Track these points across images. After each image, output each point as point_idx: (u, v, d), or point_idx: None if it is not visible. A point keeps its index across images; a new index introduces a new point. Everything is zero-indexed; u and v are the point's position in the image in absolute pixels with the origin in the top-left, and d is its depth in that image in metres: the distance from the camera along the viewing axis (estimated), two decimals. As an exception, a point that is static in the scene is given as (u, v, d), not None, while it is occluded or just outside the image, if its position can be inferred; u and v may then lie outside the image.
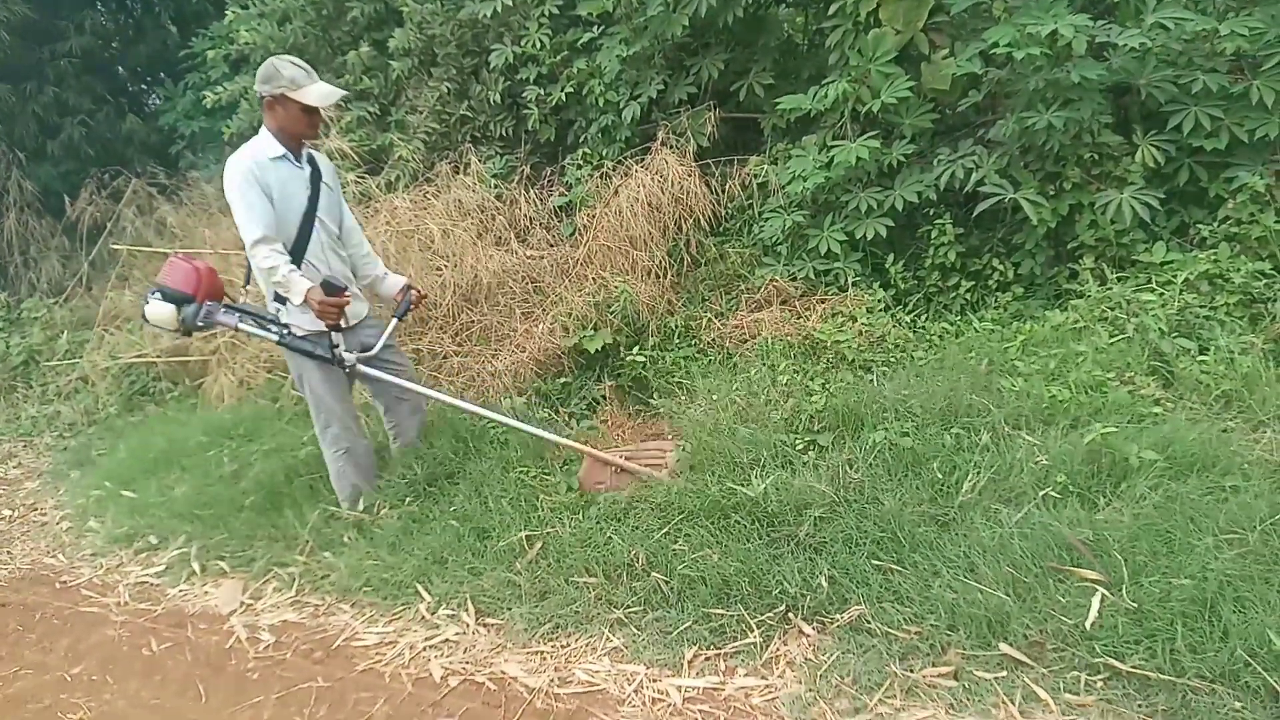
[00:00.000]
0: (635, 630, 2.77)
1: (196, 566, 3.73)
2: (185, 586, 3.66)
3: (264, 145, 3.29)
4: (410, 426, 3.86)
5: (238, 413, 5.03)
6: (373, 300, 3.84)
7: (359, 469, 3.67)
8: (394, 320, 3.65)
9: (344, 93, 3.50)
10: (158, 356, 5.84)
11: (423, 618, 3.07)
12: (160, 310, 3.26)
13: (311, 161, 3.44)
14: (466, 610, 3.02)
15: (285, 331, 3.37)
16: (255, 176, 3.20)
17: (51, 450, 5.79)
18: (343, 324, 3.31)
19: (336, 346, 3.34)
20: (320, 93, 3.29)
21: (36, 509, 4.91)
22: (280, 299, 3.35)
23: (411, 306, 3.70)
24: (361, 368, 3.45)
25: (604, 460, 3.49)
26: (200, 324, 3.31)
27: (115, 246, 6.84)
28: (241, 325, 3.36)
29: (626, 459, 3.47)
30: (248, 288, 3.53)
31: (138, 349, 5.95)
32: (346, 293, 3.20)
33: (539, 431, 3.63)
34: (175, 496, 4.25)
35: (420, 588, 3.18)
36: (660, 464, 3.44)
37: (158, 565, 3.87)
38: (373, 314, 3.77)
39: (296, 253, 3.32)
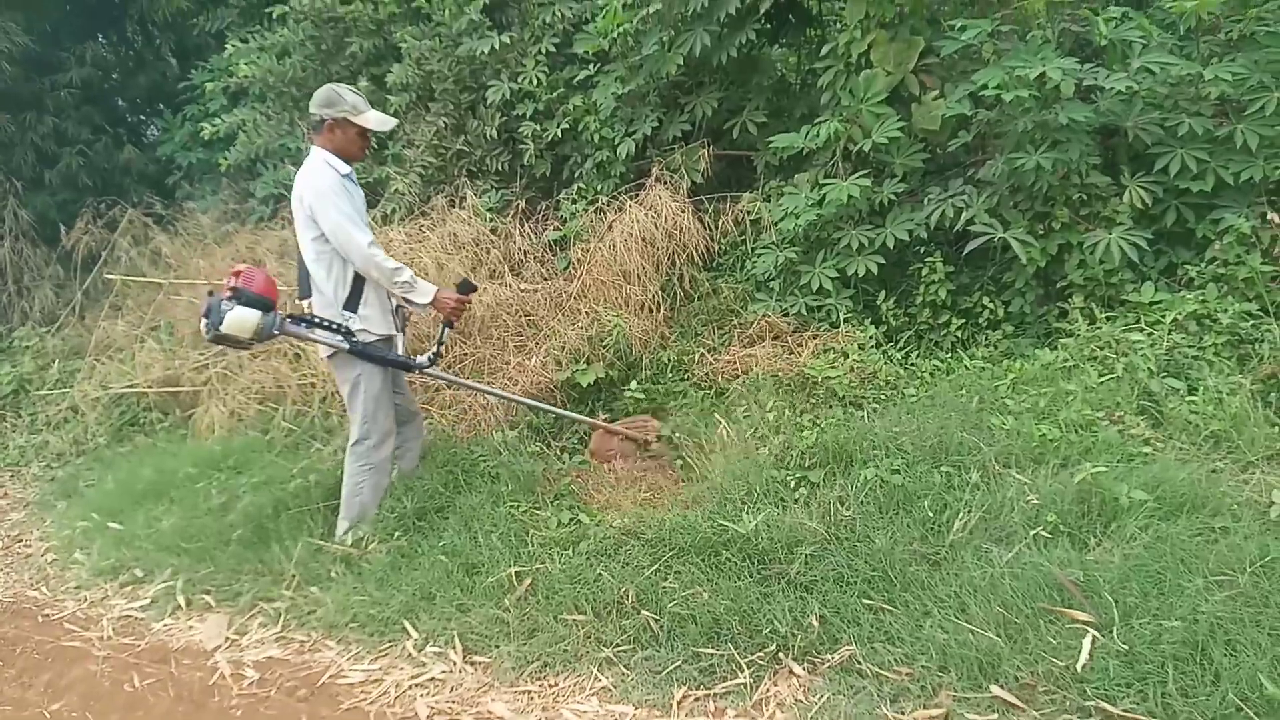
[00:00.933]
0: (624, 669, 2.74)
1: (182, 600, 3.68)
2: (170, 621, 3.61)
3: (336, 163, 3.46)
4: (414, 449, 3.93)
5: (228, 444, 4.99)
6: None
7: (375, 491, 3.68)
8: (444, 328, 3.68)
9: (397, 120, 3.77)
10: (149, 386, 5.81)
11: (409, 655, 3.03)
12: (245, 317, 3.24)
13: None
14: (454, 648, 2.99)
15: (354, 338, 3.44)
16: (345, 187, 3.40)
17: (39, 480, 5.74)
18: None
19: (443, 344, 3.58)
20: (379, 119, 3.55)
21: (21, 540, 4.85)
22: (350, 305, 3.46)
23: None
24: (431, 370, 3.65)
25: (609, 430, 4.10)
26: (275, 332, 3.33)
27: (109, 276, 6.84)
28: (311, 334, 3.42)
29: (625, 429, 4.10)
30: (304, 301, 3.58)
31: (129, 379, 5.92)
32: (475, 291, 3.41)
33: (560, 411, 4.17)
34: (162, 528, 4.20)
35: (407, 624, 3.14)
36: (647, 429, 4.11)
37: (143, 599, 3.81)
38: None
39: None
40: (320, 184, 3.37)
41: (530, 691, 2.75)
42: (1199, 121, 3.78)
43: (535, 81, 5.43)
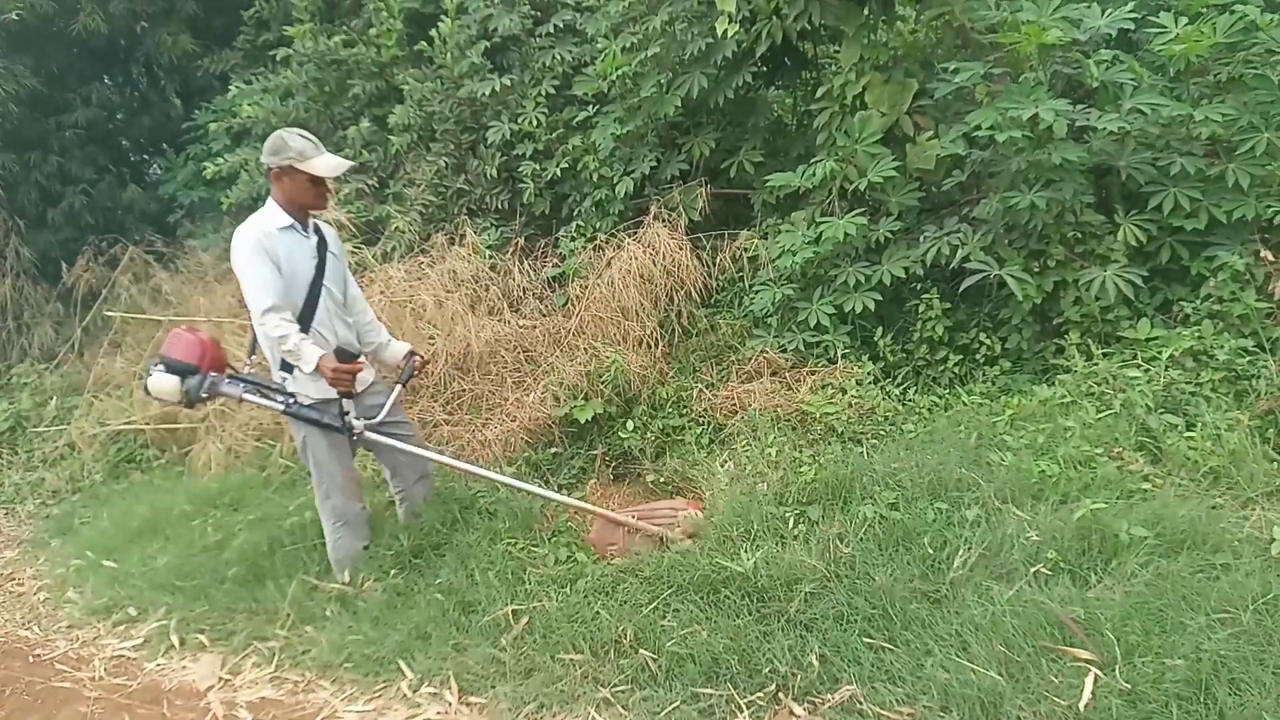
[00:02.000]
0: (622, 710, 2.71)
1: (175, 639, 3.64)
2: (163, 660, 3.56)
3: (272, 216, 3.34)
4: (417, 493, 3.83)
5: (224, 481, 4.98)
6: (376, 366, 3.85)
7: (356, 537, 3.62)
8: (398, 386, 3.65)
9: (350, 164, 3.56)
10: (146, 423, 5.80)
11: (404, 696, 2.99)
12: (164, 382, 3.25)
13: (318, 231, 3.49)
14: (449, 688, 2.95)
15: (291, 400, 3.35)
16: (264, 247, 3.23)
17: (33, 518, 5.70)
18: (354, 390, 3.29)
19: (347, 413, 3.32)
20: (328, 164, 3.35)
21: (14, 579, 4.81)
22: (287, 367, 3.35)
23: (415, 372, 3.73)
24: (369, 434, 3.43)
25: (616, 521, 3.50)
26: (204, 395, 3.30)
27: (109, 313, 6.86)
28: (246, 396, 3.36)
29: (639, 518, 3.48)
30: (252, 358, 3.52)
31: (126, 416, 5.92)
32: (360, 359, 3.20)
33: (549, 494, 3.67)
34: (157, 567, 4.17)
35: (403, 664, 3.10)
36: (673, 523, 3.43)
37: (136, 638, 3.77)
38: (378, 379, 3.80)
39: (304, 321, 3.34)
40: (237, 243, 3.26)
41: (527, 733, 2.71)
42: (1190, 161, 3.82)
43: (535, 122, 5.51)
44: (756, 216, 5.05)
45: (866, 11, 4.36)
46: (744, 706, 2.60)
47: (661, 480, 4.10)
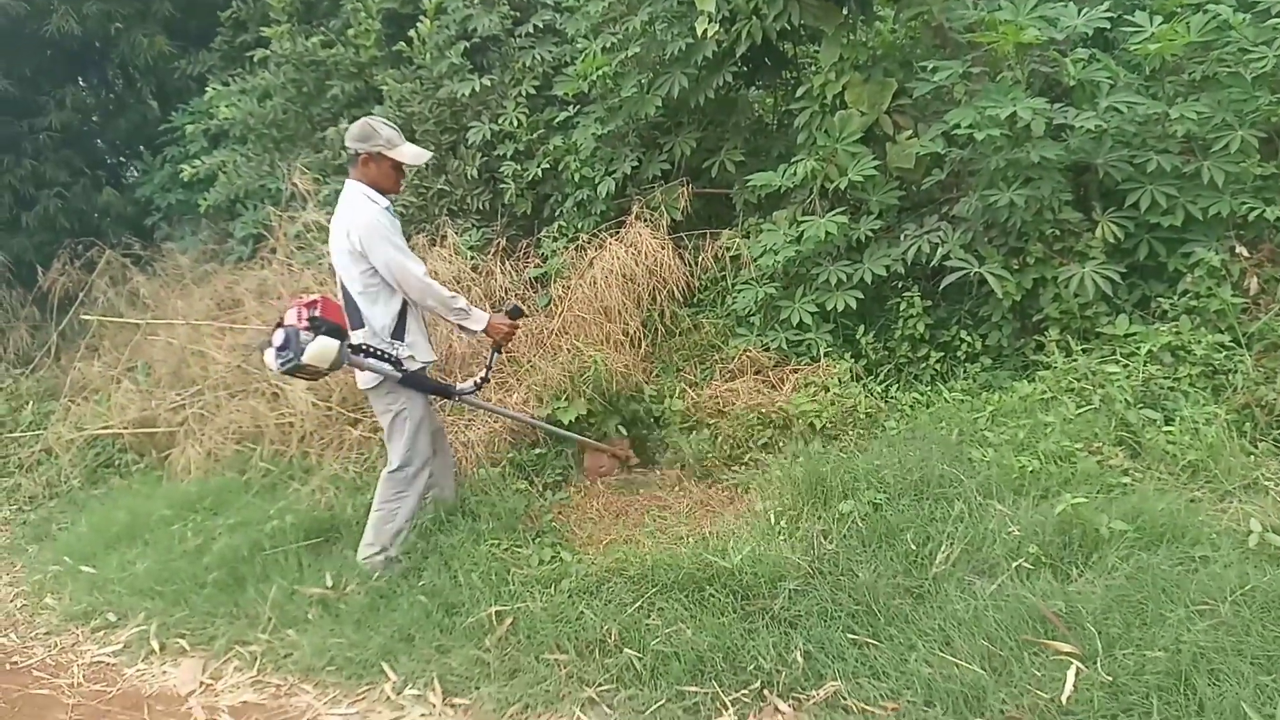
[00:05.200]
0: (607, 710, 2.70)
1: (156, 645, 3.60)
2: (143, 666, 3.52)
3: (375, 197, 3.47)
4: (449, 481, 3.91)
5: (204, 485, 4.92)
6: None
7: (409, 516, 3.61)
8: (494, 354, 3.76)
9: (431, 154, 3.77)
10: (124, 428, 5.74)
11: (388, 698, 2.96)
12: (327, 346, 3.16)
13: None
14: (433, 690, 2.93)
15: (402, 367, 3.42)
16: (390, 220, 3.43)
17: (9, 524, 5.62)
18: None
19: (491, 369, 3.70)
20: (413, 153, 3.54)
21: (-10, 586, 4.74)
22: (398, 335, 3.46)
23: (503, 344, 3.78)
24: (469, 398, 3.73)
25: (596, 447, 4.34)
26: (345, 362, 3.29)
27: (86, 317, 6.77)
28: (369, 361, 3.39)
29: (612, 445, 4.38)
30: (355, 333, 3.48)
31: (104, 420, 5.84)
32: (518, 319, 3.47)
33: (557, 429, 4.24)
34: (136, 572, 4.11)
35: (386, 666, 3.08)
36: (627, 447, 4.40)
37: (115, 644, 3.72)
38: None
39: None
40: (368, 219, 3.36)
41: (512, 733, 2.70)
42: (1167, 159, 3.87)
43: (515, 122, 5.49)
44: (738, 216, 5.06)
45: (845, 11, 4.39)
46: (729, 704, 2.60)
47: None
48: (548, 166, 5.44)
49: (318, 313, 3.23)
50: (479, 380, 3.74)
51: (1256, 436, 3.32)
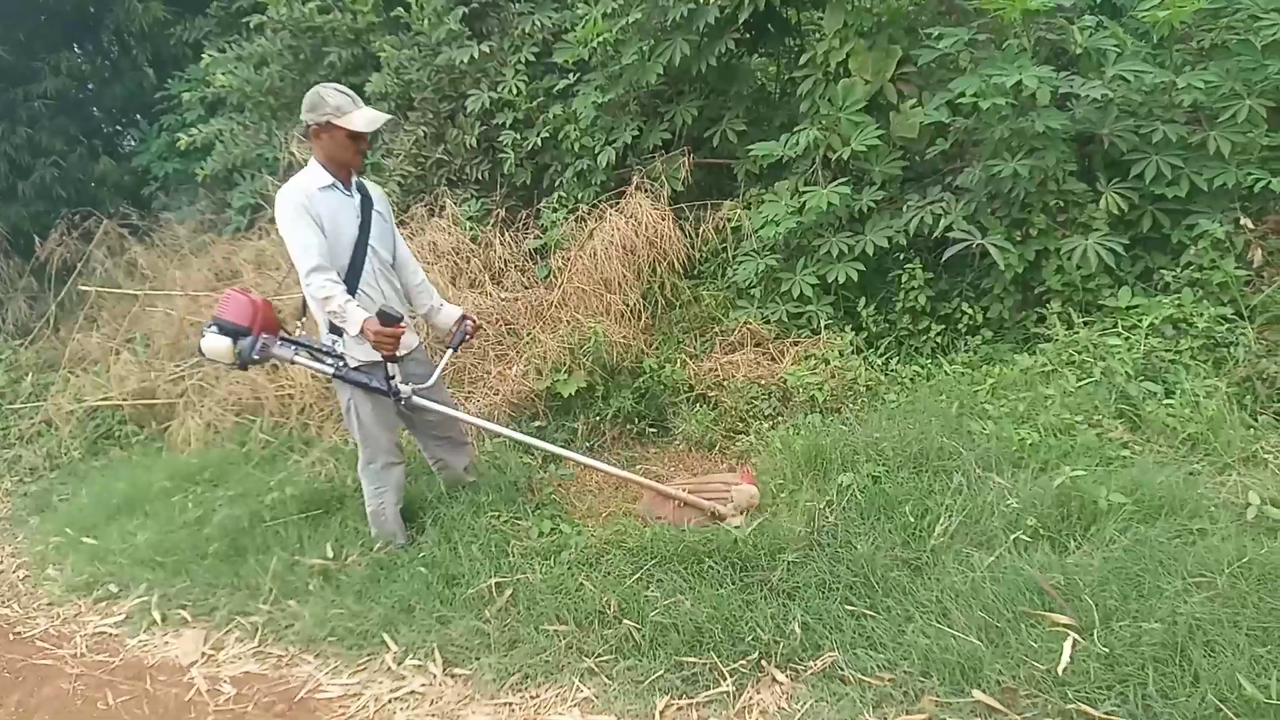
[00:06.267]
0: (606, 680, 2.72)
1: (157, 616, 3.62)
2: (145, 636, 3.54)
3: (313, 176, 3.26)
4: (456, 462, 3.78)
5: (204, 457, 4.93)
6: (428, 330, 3.80)
7: (395, 510, 3.57)
8: (449, 351, 3.57)
9: (389, 116, 3.45)
10: (124, 399, 5.74)
11: (388, 668, 2.99)
12: (217, 343, 3.17)
13: (361, 189, 3.40)
14: (434, 660, 2.95)
15: (341, 363, 3.31)
16: (305, 207, 3.16)
17: (10, 496, 5.64)
18: (397, 354, 3.24)
19: (393, 378, 3.28)
20: (366, 118, 3.24)
21: (-7, 557, 4.77)
22: (336, 330, 3.29)
23: (467, 337, 3.63)
24: (417, 399, 3.37)
25: (667, 495, 3.46)
26: (256, 357, 3.24)
27: (84, 288, 6.74)
28: (298, 358, 3.32)
29: (690, 492, 3.44)
30: (303, 320, 3.47)
31: (104, 392, 5.84)
32: (402, 323, 3.13)
33: (606, 467, 3.61)
34: (137, 543, 4.13)
35: (386, 637, 3.10)
36: (725, 498, 3.37)
37: (117, 615, 3.75)
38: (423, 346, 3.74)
39: (350, 281, 3.27)
40: (281, 204, 3.18)
41: (511, 703, 2.72)
42: (1173, 128, 3.82)
43: (515, 90, 5.42)
44: (739, 186, 5.02)
45: (850, -24, 4.31)
46: (727, 674, 2.62)
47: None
48: (547, 136, 5.38)
49: (216, 309, 3.23)
50: (426, 385, 3.42)
51: (1257, 409, 3.32)
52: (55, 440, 5.88)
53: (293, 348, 3.30)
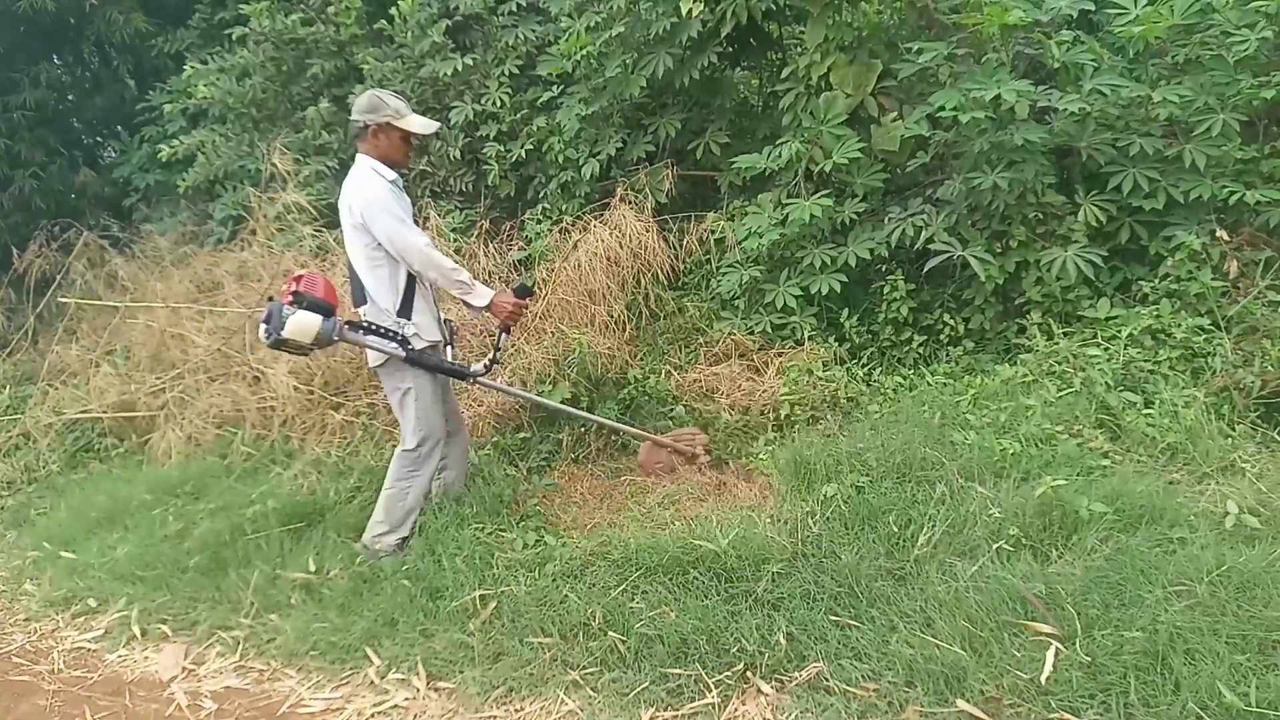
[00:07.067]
0: (591, 692, 2.71)
1: (137, 630, 3.57)
2: (124, 651, 3.50)
3: (382, 169, 3.44)
4: (461, 465, 3.86)
5: (185, 470, 4.88)
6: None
7: (419, 497, 3.59)
8: (502, 334, 3.63)
9: (439, 124, 3.70)
10: (103, 412, 5.68)
11: (371, 683, 2.96)
12: (308, 321, 3.18)
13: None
14: (417, 674, 2.93)
15: (409, 346, 3.38)
16: (395, 193, 3.38)
17: (-13, 510, 5.57)
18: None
19: (500, 350, 3.59)
20: (421, 122, 3.52)
21: (-32, 572, 4.69)
22: (404, 313, 3.41)
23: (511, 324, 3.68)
24: (484, 380, 3.62)
25: (659, 443, 4.01)
26: (335, 338, 3.28)
27: (63, 299, 6.68)
28: (367, 340, 3.37)
29: (674, 440, 4.02)
30: (360, 310, 3.50)
31: (83, 404, 5.78)
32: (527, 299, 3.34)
33: (610, 421, 4.08)
34: (117, 557, 4.08)
35: (369, 651, 3.08)
36: (693, 444, 4.00)
37: (96, 630, 3.69)
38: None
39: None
40: (369, 193, 3.33)
41: (495, 717, 2.70)
42: (1149, 142, 3.88)
43: (499, 103, 5.44)
44: (723, 198, 5.05)
45: (831, -9, 4.36)
46: (712, 686, 2.62)
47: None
48: (531, 148, 5.39)
49: (301, 287, 3.25)
50: (489, 362, 3.62)
51: (1234, 419, 3.35)
52: (33, 453, 5.80)
53: (360, 331, 3.37)
